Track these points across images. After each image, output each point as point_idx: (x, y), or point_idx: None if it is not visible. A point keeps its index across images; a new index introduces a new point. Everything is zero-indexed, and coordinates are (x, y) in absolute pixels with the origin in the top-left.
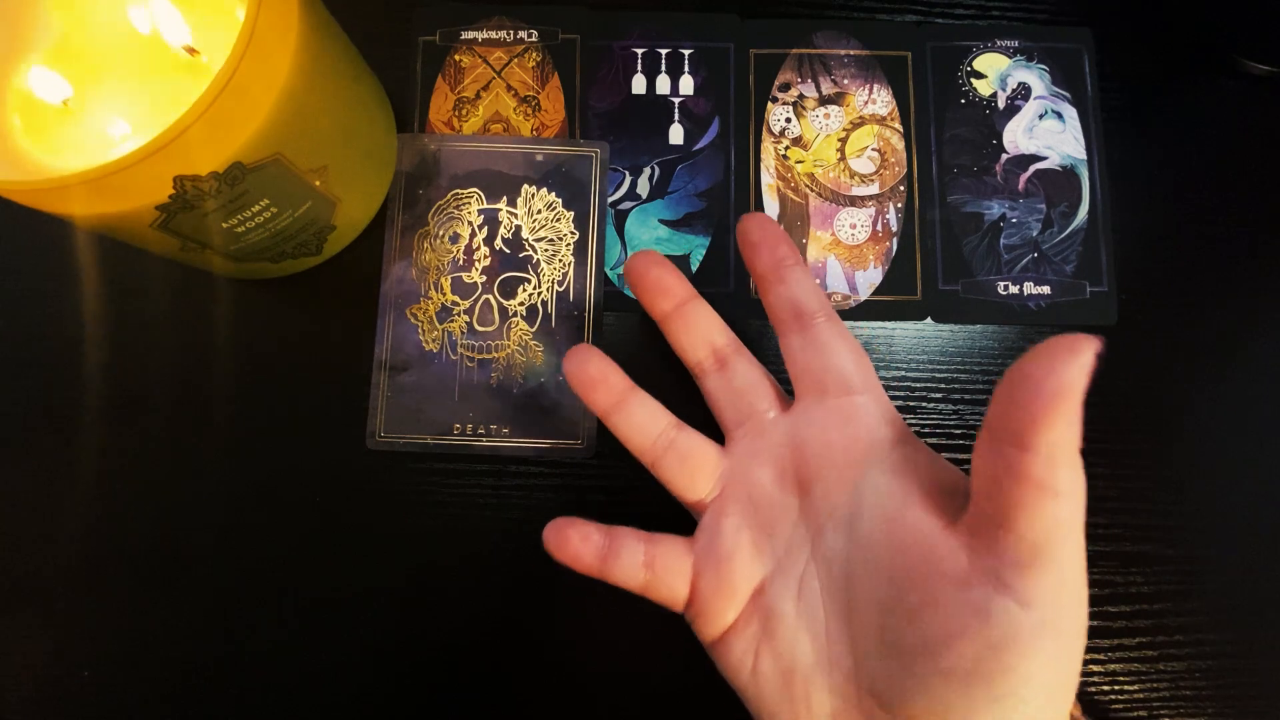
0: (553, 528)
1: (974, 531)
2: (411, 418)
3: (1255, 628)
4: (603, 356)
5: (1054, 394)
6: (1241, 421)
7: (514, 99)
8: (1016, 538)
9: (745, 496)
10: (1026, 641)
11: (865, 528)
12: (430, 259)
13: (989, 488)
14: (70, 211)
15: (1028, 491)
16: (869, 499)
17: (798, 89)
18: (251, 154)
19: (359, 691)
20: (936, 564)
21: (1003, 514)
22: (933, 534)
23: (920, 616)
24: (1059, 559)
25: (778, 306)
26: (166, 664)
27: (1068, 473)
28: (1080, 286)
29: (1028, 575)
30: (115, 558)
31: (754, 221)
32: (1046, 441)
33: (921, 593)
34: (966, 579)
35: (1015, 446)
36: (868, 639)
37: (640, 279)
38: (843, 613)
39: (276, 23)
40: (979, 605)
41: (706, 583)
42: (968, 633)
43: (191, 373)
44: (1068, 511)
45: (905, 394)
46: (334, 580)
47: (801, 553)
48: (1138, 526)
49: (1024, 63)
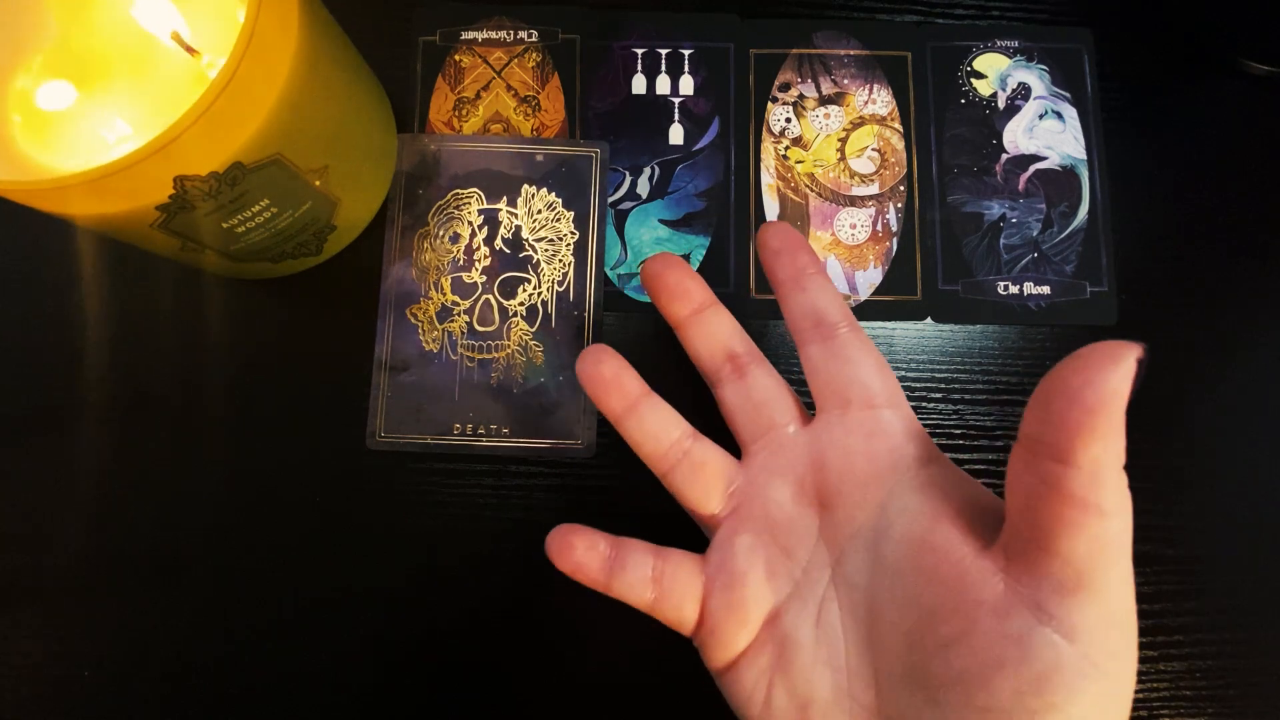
0: (556, 535)
1: (1011, 555)
2: (411, 418)
3: (1255, 628)
4: (617, 357)
5: (1095, 404)
6: (1241, 421)
7: (514, 99)
8: (1059, 561)
9: (762, 514)
10: (1072, 678)
11: (891, 550)
12: (430, 259)
13: (1027, 506)
14: (70, 211)
15: (1070, 510)
16: (895, 519)
17: (798, 89)
18: (251, 154)
19: (359, 691)
20: (970, 591)
21: (1043, 535)
22: (965, 558)
23: (952, 648)
24: (1106, 586)
25: (798, 315)
26: (166, 664)
27: (1113, 490)
28: (1080, 286)
29: (1072, 603)
30: (115, 557)
31: (775, 229)
32: (1089, 456)
33: (954, 622)
34: (1004, 607)
35: (1056, 460)
36: (892, 672)
37: (658, 281)
38: (865, 642)
39: (276, 23)
40: (1018, 636)
41: (717, 604)
42: (1006, 667)
43: (191, 372)
44: (1114, 532)
45: (905, 394)
46: (334, 580)
47: (821, 576)
48: (1138, 526)
49: (1024, 63)
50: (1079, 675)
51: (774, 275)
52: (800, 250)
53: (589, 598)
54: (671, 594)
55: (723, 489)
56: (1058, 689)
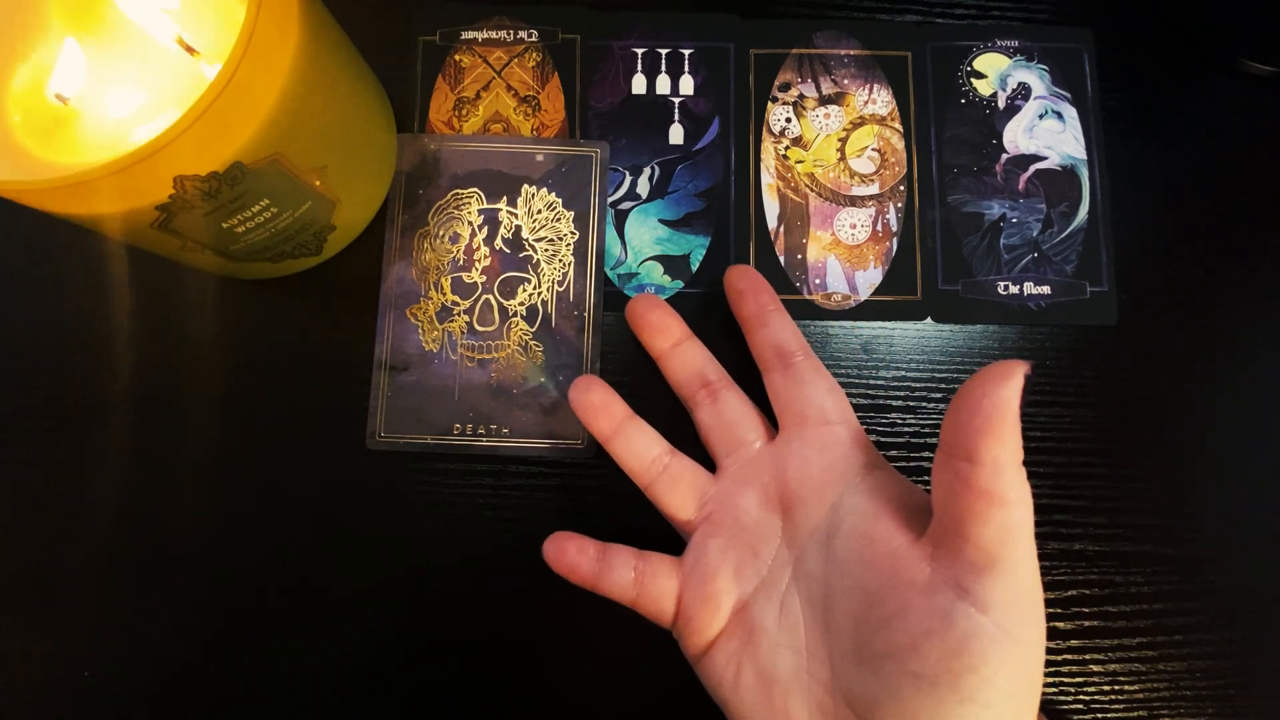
0: (553, 540)
1: (936, 543)
2: (411, 418)
3: (1255, 628)
4: (604, 386)
5: (992, 411)
6: (1241, 421)
7: (514, 99)
8: (971, 545)
9: (732, 520)
10: (986, 644)
11: (841, 545)
12: (430, 259)
13: (945, 500)
14: (70, 211)
15: (978, 500)
16: (844, 519)
17: (798, 89)
18: (251, 154)
19: (359, 691)
20: (904, 575)
21: (958, 523)
22: (900, 548)
23: (890, 625)
24: (1012, 563)
25: (762, 347)
26: (166, 664)
27: (1013, 482)
28: (1080, 286)
29: (984, 580)
30: (115, 557)
31: (740, 272)
32: (990, 454)
33: (891, 603)
34: (930, 587)
35: (964, 460)
36: (843, 650)
37: (641, 320)
38: (821, 627)
39: (276, 23)
40: (942, 610)
41: (691, 597)
42: (932, 636)
43: (191, 372)
44: (1017, 518)
45: (905, 394)
46: (334, 580)
47: (785, 572)
48: (1138, 526)
49: (1024, 63)
50: (991, 641)
51: (739, 312)
52: (761, 290)
53: (587, 598)
54: (651, 591)
55: (697, 499)
56: (974, 653)
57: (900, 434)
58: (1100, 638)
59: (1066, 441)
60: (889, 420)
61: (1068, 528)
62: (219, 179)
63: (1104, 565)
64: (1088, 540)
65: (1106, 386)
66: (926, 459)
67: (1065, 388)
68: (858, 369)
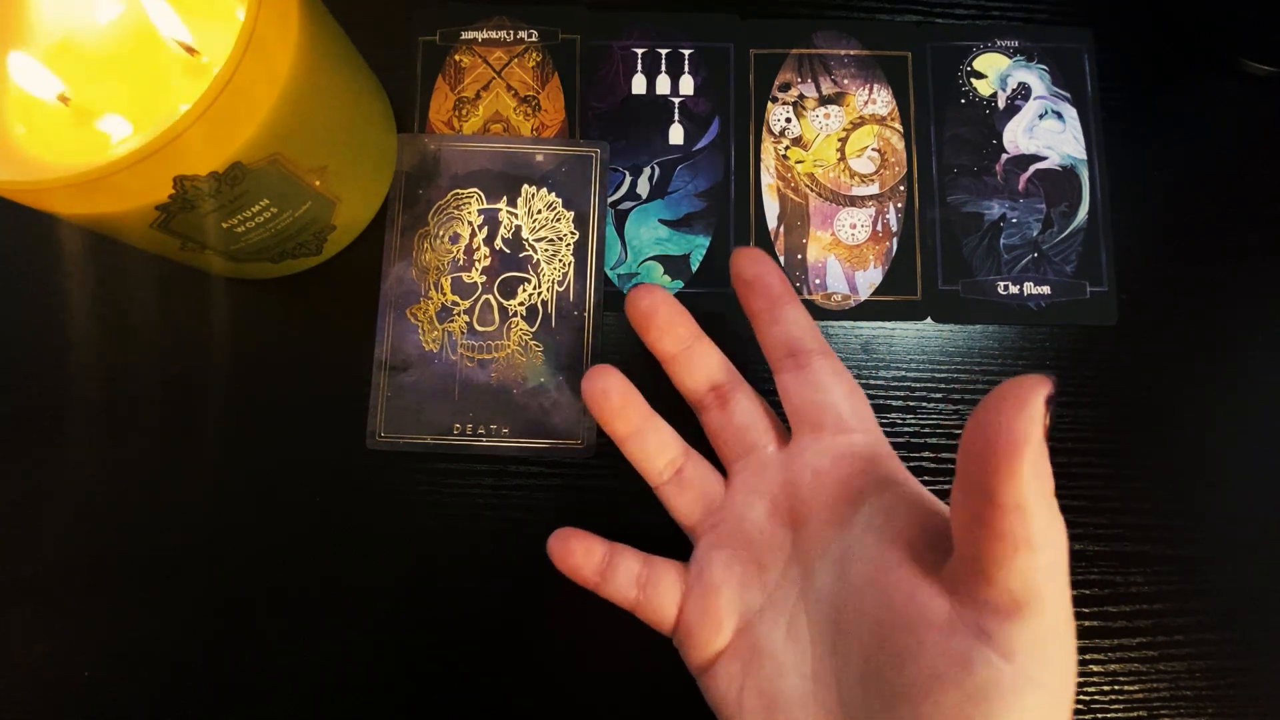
0: (558, 538)
1: (956, 579)
2: (411, 418)
3: (1255, 628)
4: (623, 381)
5: (1009, 448)
6: (1241, 421)
7: (514, 99)
8: (996, 589)
9: (739, 531)
10: (1008, 694)
11: (854, 569)
12: (430, 259)
13: (965, 539)
14: (70, 211)
15: (998, 544)
16: (859, 539)
17: (798, 89)
18: (251, 154)
19: (359, 691)
20: (920, 610)
21: (980, 565)
22: (918, 580)
23: (904, 662)
24: (1042, 610)
25: (773, 345)
26: (166, 664)
27: (1042, 524)
28: (1080, 286)
29: (1009, 626)
30: (115, 557)
31: (747, 258)
32: (1011, 495)
33: (905, 639)
34: (949, 627)
35: (983, 500)
36: (852, 679)
37: (647, 318)
38: (829, 651)
39: (276, 23)
40: (961, 654)
41: (693, 609)
42: (949, 682)
43: (191, 372)
44: (1046, 562)
45: (905, 394)
46: (333, 580)
47: (793, 589)
48: (1138, 526)
49: (1024, 63)
50: (1015, 691)
51: (748, 305)
52: (773, 279)
53: (588, 598)
54: (654, 597)
55: (705, 505)
56: (995, 703)
57: (900, 434)
58: (1100, 638)
59: (1066, 441)
60: (889, 420)
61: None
62: (219, 179)
63: (1104, 565)
64: (1088, 540)
65: (1106, 386)
66: (927, 459)
67: (1065, 388)
68: (858, 369)
